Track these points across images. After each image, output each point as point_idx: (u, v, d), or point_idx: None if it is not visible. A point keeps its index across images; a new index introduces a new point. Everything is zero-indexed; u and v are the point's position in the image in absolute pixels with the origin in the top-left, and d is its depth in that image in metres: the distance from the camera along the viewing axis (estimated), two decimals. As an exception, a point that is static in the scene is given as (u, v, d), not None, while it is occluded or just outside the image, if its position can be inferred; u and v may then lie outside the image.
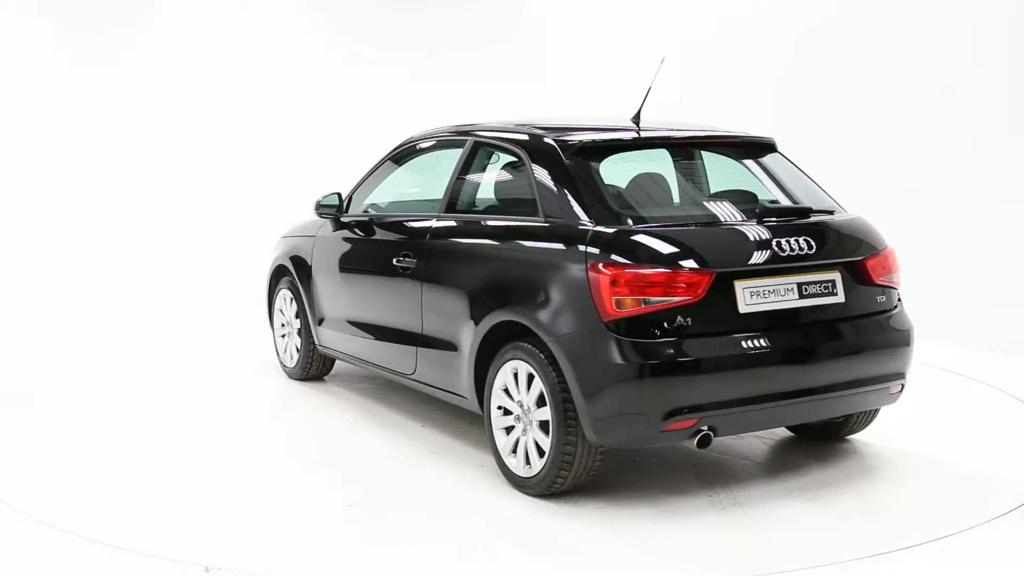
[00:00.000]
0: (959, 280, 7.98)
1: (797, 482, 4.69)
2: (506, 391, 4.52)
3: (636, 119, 5.03)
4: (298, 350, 6.56)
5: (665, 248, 4.14)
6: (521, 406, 4.43)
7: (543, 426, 4.32)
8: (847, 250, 4.54)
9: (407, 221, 5.49)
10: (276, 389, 6.54)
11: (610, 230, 4.19)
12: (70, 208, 11.46)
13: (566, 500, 4.39)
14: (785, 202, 4.84)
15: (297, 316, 6.54)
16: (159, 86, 11.61)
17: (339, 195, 6.11)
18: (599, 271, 4.07)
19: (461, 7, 11.42)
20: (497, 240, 4.81)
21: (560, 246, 4.31)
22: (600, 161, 4.56)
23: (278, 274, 6.83)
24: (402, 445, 5.23)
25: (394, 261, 5.30)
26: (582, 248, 4.17)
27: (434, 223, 5.19)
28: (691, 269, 4.08)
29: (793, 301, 4.30)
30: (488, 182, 5.21)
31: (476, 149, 5.19)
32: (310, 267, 6.28)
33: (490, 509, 4.34)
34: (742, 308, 4.18)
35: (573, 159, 4.49)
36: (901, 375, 4.63)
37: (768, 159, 5.03)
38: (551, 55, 10.84)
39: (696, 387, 4.08)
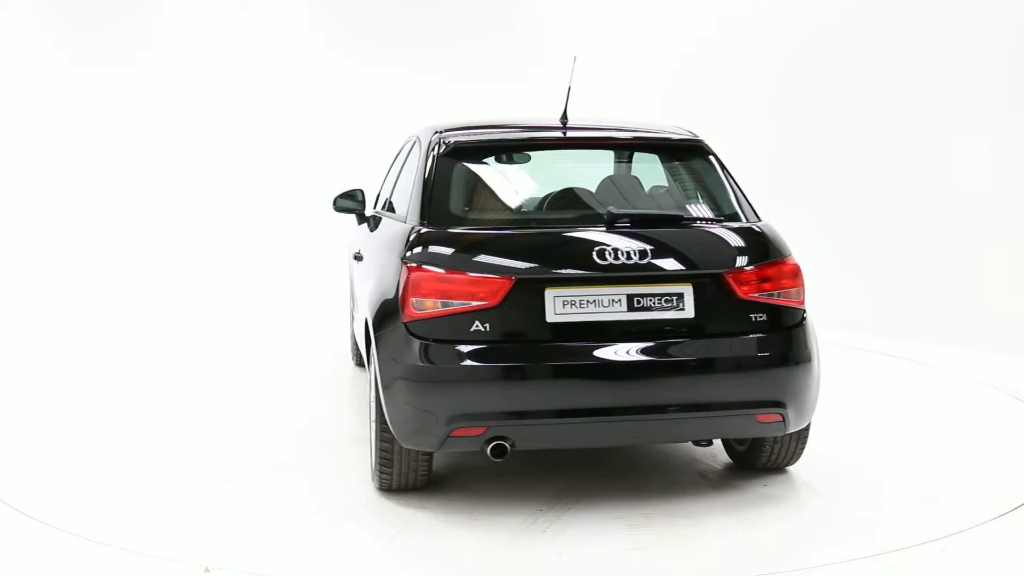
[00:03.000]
0: (959, 280, 7.99)
1: (796, 481, 4.69)
2: None
3: (563, 119, 4.78)
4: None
5: (468, 252, 4.05)
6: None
7: None
8: (705, 262, 4.13)
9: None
10: (277, 388, 6.54)
11: (425, 231, 4.17)
12: (71, 207, 11.47)
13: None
14: (652, 208, 4.57)
15: None
16: (160, 85, 11.62)
17: (361, 191, 5.97)
18: (407, 271, 4.06)
19: (461, 6, 11.42)
20: (379, 238, 4.90)
21: (397, 245, 4.30)
22: (471, 161, 4.53)
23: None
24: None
25: None
26: (405, 248, 4.17)
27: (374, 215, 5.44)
28: (489, 274, 3.96)
29: (619, 313, 3.99)
30: (401, 182, 5.23)
31: (411, 148, 5.24)
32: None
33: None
34: (550, 317, 3.96)
35: (440, 159, 4.43)
36: (775, 403, 4.11)
37: (690, 162, 4.72)
38: (550, 53, 10.84)
39: (484, 394, 3.94)
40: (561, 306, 3.98)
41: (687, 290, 4.05)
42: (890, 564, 3.76)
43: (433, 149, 4.50)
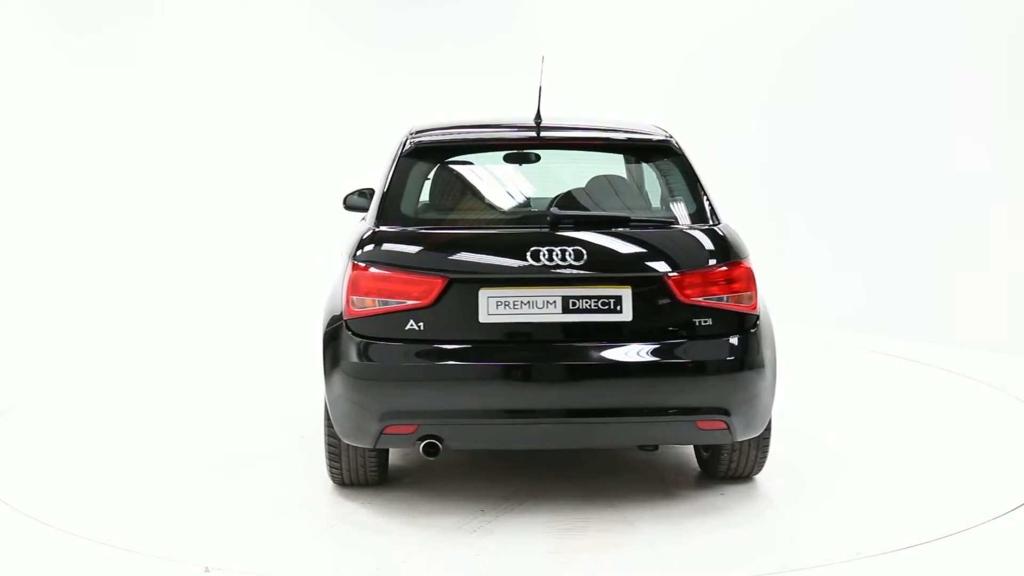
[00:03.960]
0: (959, 280, 7.99)
1: (795, 481, 4.69)
2: None
3: (537, 119, 4.72)
4: None
5: (407, 251, 4.11)
6: None
7: None
8: (646, 265, 4.08)
9: None
10: (279, 388, 6.54)
11: (376, 231, 4.21)
12: (72, 207, 11.46)
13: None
14: (599, 210, 4.47)
15: None
16: (160, 85, 11.61)
17: (371, 190, 5.92)
18: (351, 269, 4.13)
19: (462, 6, 11.41)
20: (347, 236, 4.90)
21: (351, 244, 4.33)
22: (432, 161, 4.57)
23: None
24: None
25: None
26: (355, 247, 4.22)
27: None
28: (423, 273, 4.01)
29: (554, 315, 3.97)
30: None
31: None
32: None
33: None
34: (483, 318, 3.96)
35: (401, 159, 4.45)
36: (717, 410, 4.02)
37: (656, 163, 4.66)
38: (551, 54, 10.83)
39: (414, 393, 3.99)
40: (495, 307, 3.98)
41: (626, 293, 4.01)
42: (890, 564, 3.76)
43: (399, 149, 4.55)
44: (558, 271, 3.98)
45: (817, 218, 9.15)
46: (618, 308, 4.00)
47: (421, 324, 3.99)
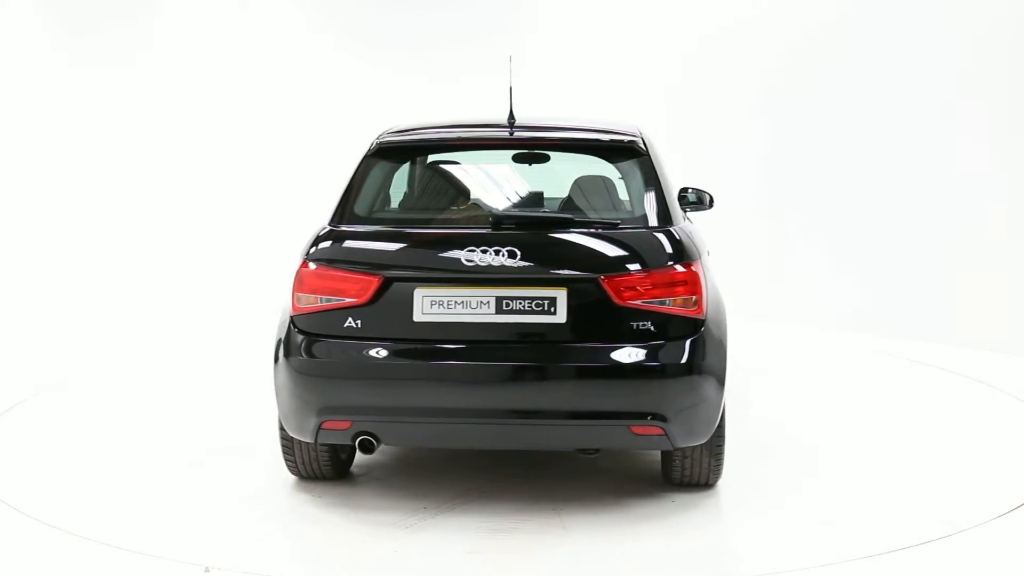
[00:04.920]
0: (959, 280, 7.99)
1: (795, 481, 4.70)
2: None
3: (511, 119, 4.73)
4: None
5: (348, 250, 4.19)
6: None
7: None
8: (583, 267, 4.02)
9: None
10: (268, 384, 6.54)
11: (328, 230, 4.29)
12: (72, 207, 11.47)
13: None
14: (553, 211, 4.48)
15: None
16: (160, 85, 11.62)
17: None
18: (300, 267, 4.21)
19: (463, 5, 11.41)
20: None
21: (306, 242, 4.40)
22: (394, 161, 4.61)
23: None
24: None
25: None
26: (308, 245, 4.29)
27: None
28: (360, 272, 4.07)
29: (487, 316, 3.97)
30: None
31: None
32: None
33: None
34: (417, 317, 4.00)
35: (364, 159, 4.53)
36: (653, 416, 3.94)
37: (620, 163, 4.58)
38: (551, 53, 10.84)
39: (349, 390, 4.03)
40: (429, 306, 4.01)
41: (561, 295, 3.98)
42: (890, 564, 3.76)
43: (366, 149, 4.61)
44: (491, 272, 3.98)
45: (817, 218, 9.15)
46: (552, 310, 3.97)
47: (359, 322, 4.05)
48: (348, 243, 4.22)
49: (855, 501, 4.44)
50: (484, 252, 3.99)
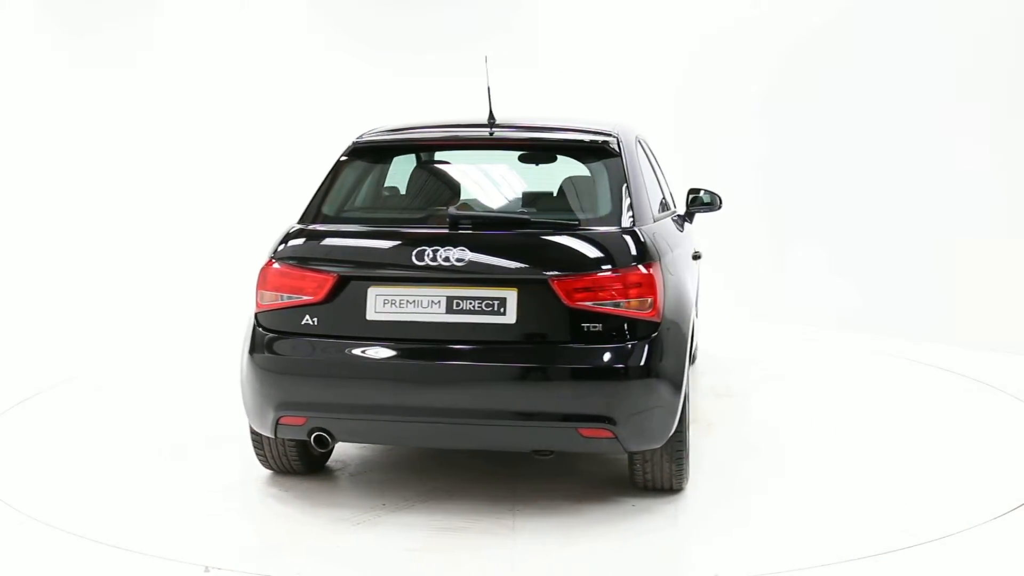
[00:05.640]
0: (959, 280, 7.99)
1: (794, 481, 4.70)
2: None
3: (491, 119, 4.70)
4: None
5: (307, 248, 4.24)
6: None
7: None
8: (533, 267, 3.99)
9: None
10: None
11: (295, 228, 4.35)
12: (72, 207, 11.47)
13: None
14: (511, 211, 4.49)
15: None
16: (160, 85, 11.62)
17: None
18: (265, 264, 4.29)
19: (463, 5, 11.41)
20: None
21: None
22: (368, 161, 4.66)
23: None
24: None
25: None
26: (276, 243, 4.35)
27: None
28: (315, 270, 4.12)
29: (437, 315, 3.99)
30: None
31: None
32: None
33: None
34: (370, 315, 4.04)
35: (340, 159, 4.61)
36: (601, 419, 3.90)
37: (592, 163, 4.50)
38: (552, 54, 10.84)
39: (304, 386, 4.10)
40: (381, 305, 4.04)
41: (511, 295, 3.96)
42: (890, 564, 3.76)
43: (346, 149, 4.67)
44: (442, 271, 3.99)
45: (817, 218, 9.15)
46: (502, 310, 3.96)
47: (315, 319, 4.11)
48: (311, 242, 4.28)
49: (854, 501, 4.44)
50: (435, 252, 4.00)
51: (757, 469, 4.87)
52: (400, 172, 4.94)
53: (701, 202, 5.85)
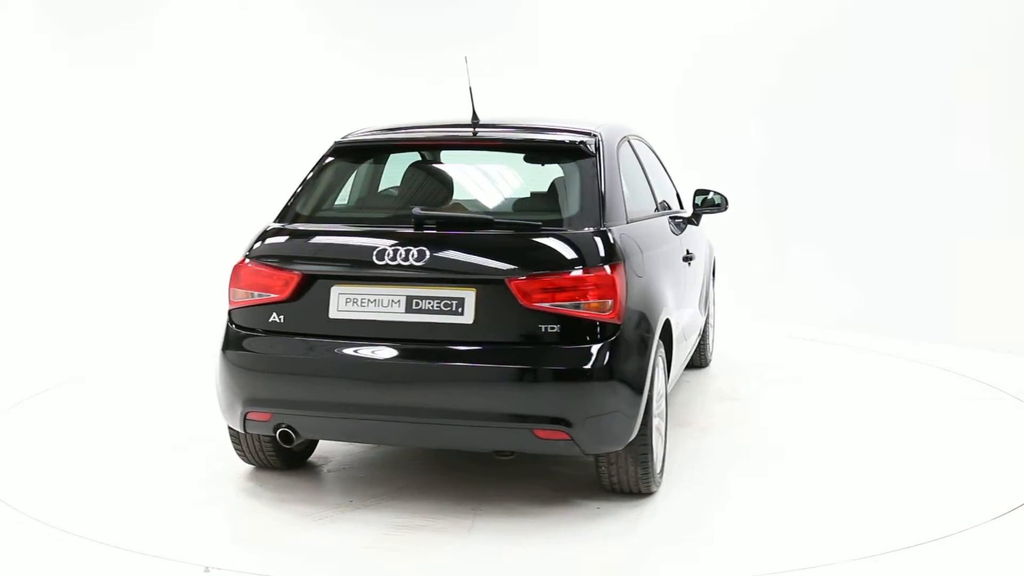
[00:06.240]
0: (959, 280, 7.99)
1: (795, 481, 4.70)
2: None
3: (474, 119, 4.74)
4: None
5: (276, 247, 4.31)
6: None
7: None
8: (491, 268, 3.97)
9: None
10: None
11: (270, 227, 4.43)
12: (71, 207, 11.47)
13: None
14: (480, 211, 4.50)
15: None
16: (160, 85, 11.63)
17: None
18: (238, 263, 4.37)
19: (461, 5, 11.42)
20: None
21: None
22: (347, 161, 4.72)
23: None
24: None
25: None
26: (252, 242, 4.43)
27: None
28: (282, 268, 4.20)
29: (397, 314, 4.02)
30: None
31: None
32: None
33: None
34: (332, 314, 4.10)
35: (323, 158, 4.67)
36: (556, 420, 3.89)
37: (565, 164, 4.45)
38: (553, 54, 10.85)
39: (269, 383, 4.18)
40: (344, 303, 4.10)
41: (469, 295, 3.98)
42: (890, 564, 3.76)
43: (328, 148, 4.74)
44: (401, 271, 4.02)
45: (817, 218, 9.15)
46: (460, 310, 3.98)
47: (281, 317, 4.18)
48: (281, 241, 4.34)
49: (854, 501, 4.44)
50: (396, 252, 4.03)
51: (743, 472, 4.84)
52: (378, 173, 4.98)
53: (713, 203, 5.90)
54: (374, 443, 4.77)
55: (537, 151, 4.64)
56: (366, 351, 4.03)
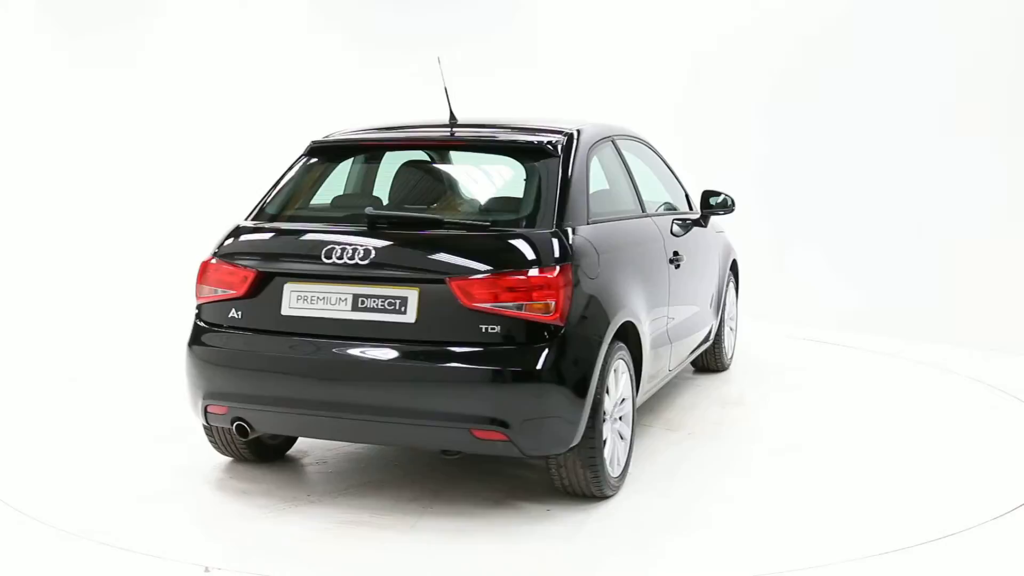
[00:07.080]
0: (959, 280, 7.99)
1: (795, 481, 4.70)
2: None
3: (451, 120, 4.80)
4: None
5: (238, 244, 4.42)
6: None
7: None
8: (433, 268, 4.00)
9: None
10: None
11: (240, 225, 4.52)
12: (71, 207, 11.47)
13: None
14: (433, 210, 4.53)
15: None
16: (160, 85, 11.63)
17: None
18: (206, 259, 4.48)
19: (461, 5, 11.43)
20: None
21: None
22: (324, 160, 4.80)
23: None
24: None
25: None
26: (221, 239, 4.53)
27: None
28: (240, 265, 4.31)
29: (344, 312, 4.09)
30: None
31: None
32: None
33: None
34: (284, 310, 4.20)
35: (299, 159, 4.77)
36: (493, 421, 3.89)
37: (529, 164, 4.41)
38: (553, 54, 10.85)
39: (225, 377, 4.28)
40: (295, 300, 4.20)
41: (412, 295, 4.02)
42: (890, 564, 3.76)
43: (305, 149, 4.82)
44: (348, 269, 4.09)
45: (817, 218, 9.15)
46: (403, 309, 4.04)
47: (239, 313, 4.29)
48: (244, 239, 4.44)
49: (854, 501, 4.44)
50: (343, 250, 4.10)
51: (728, 474, 4.80)
52: (354, 173, 5.04)
53: (724, 205, 5.94)
54: (325, 439, 4.84)
55: (504, 151, 4.67)
56: (313, 348, 4.11)
